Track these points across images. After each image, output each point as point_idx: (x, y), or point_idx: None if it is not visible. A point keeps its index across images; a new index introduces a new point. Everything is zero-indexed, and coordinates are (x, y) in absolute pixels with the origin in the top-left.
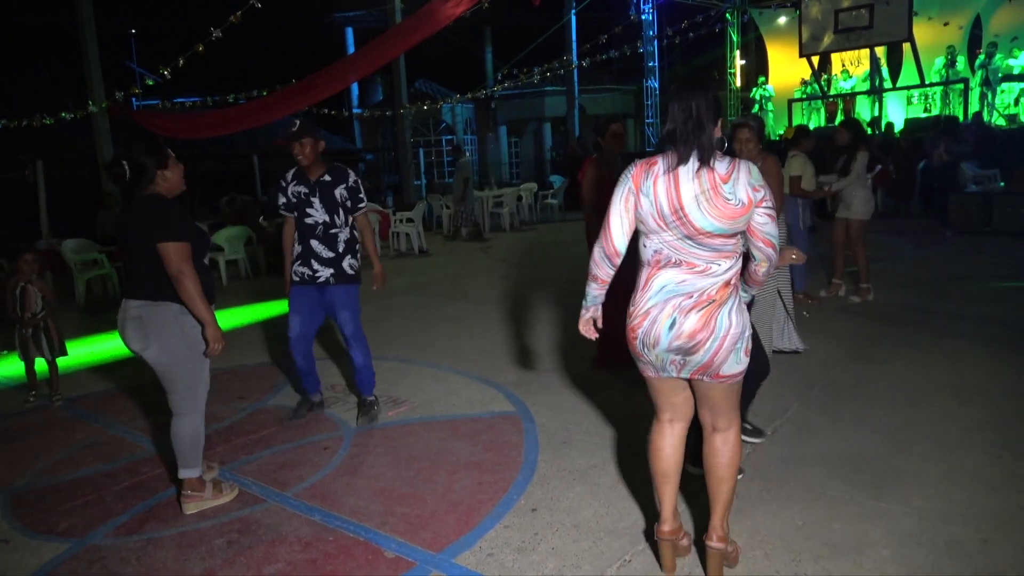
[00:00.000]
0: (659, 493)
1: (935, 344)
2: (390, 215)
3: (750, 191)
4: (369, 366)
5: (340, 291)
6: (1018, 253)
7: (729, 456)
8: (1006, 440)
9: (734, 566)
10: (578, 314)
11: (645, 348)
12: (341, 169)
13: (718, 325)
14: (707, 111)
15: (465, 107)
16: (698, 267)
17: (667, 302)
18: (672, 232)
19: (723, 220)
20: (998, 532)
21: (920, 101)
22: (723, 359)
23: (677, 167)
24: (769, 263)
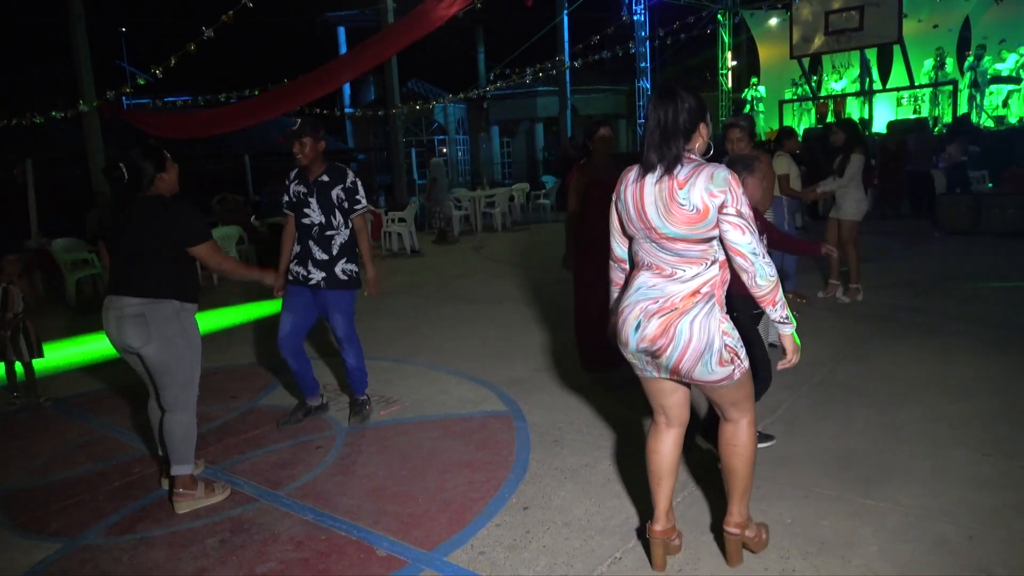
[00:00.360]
0: (653, 493)
1: (924, 343)
2: (382, 215)
3: (706, 196)
4: (361, 367)
5: (332, 295)
6: (1006, 254)
7: (740, 447)
8: (994, 438)
9: (758, 551)
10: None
11: (621, 344)
12: (340, 169)
13: (678, 334)
14: (677, 123)
15: (458, 107)
16: (665, 271)
17: (637, 304)
18: (641, 235)
19: (680, 225)
20: (984, 529)
21: (910, 103)
22: (690, 367)
23: (646, 174)
24: (746, 274)
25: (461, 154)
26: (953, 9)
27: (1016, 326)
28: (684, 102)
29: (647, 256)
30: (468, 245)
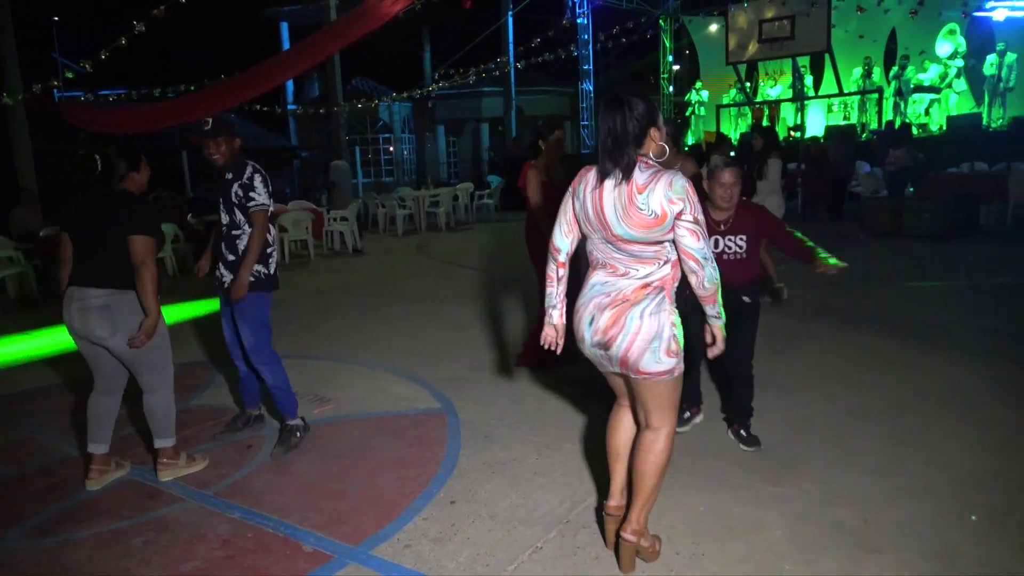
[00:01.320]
0: (611, 469)
1: (840, 340)
2: (324, 213)
3: (665, 203)
4: (281, 386)
5: None
6: (923, 255)
7: (657, 455)
8: (893, 429)
9: (649, 561)
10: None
11: (579, 342)
12: (241, 164)
13: (628, 322)
14: (627, 130)
15: (403, 106)
16: (619, 270)
17: (591, 301)
18: (597, 236)
19: (637, 229)
20: (878, 512)
21: (840, 109)
22: (637, 356)
23: (604, 180)
24: (695, 276)
25: (407, 153)
26: (879, 21)
27: (928, 324)
28: (632, 109)
29: (602, 256)
30: (411, 244)
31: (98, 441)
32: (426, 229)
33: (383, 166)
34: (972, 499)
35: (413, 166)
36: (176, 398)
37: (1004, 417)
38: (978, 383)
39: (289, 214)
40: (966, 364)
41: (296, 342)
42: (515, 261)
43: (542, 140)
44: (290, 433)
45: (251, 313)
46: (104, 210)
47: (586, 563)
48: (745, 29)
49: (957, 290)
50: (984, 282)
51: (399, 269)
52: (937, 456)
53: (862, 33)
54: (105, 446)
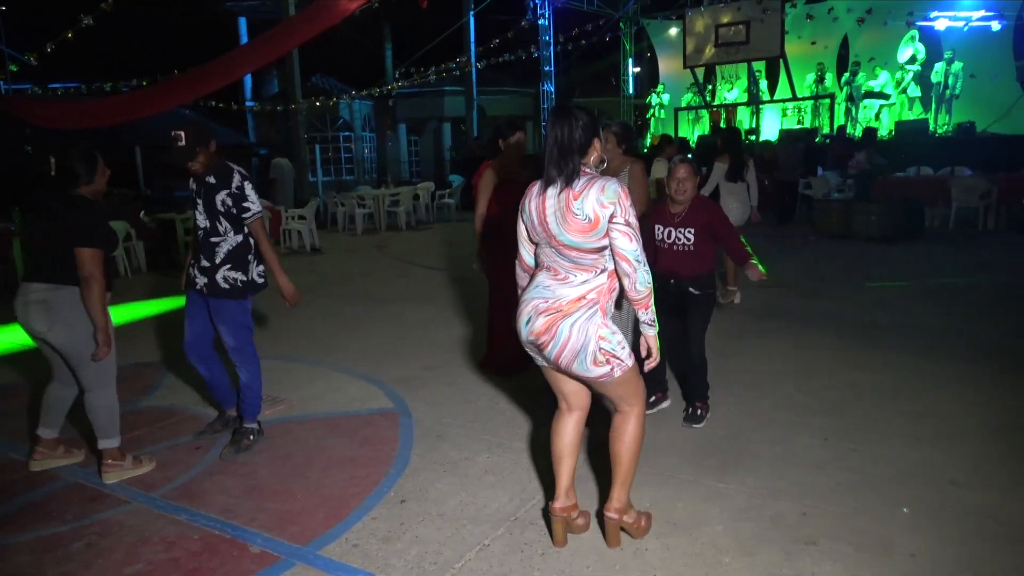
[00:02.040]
0: (555, 471)
1: (789, 340)
2: (282, 212)
3: (598, 208)
4: (253, 387)
5: (214, 302)
6: (871, 257)
7: (629, 436)
8: (835, 424)
9: (638, 537)
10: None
11: (518, 334)
12: (226, 170)
13: (558, 333)
14: (572, 140)
15: (364, 104)
16: (560, 275)
17: (531, 300)
18: (543, 243)
19: (575, 234)
20: (817, 505)
21: (794, 113)
22: (568, 363)
23: (547, 188)
24: (628, 278)
25: (368, 152)
26: (831, 29)
27: (873, 324)
28: (578, 120)
29: (547, 259)
30: (371, 243)
31: (46, 426)
32: (386, 228)
33: (343, 164)
34: (907, 492)
35: (374, 165)
36: (125, 399)
37: (941, 412)
38: (918, 381)
39: None
40: (908, 362)
41: None
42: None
43: (502, 140)
44: (243, 435)
45: (228, 317)
46: (54, 214)
47: (532, 559)
48: (702, 33)
49: (902, 291)
50: (927, 283)
51: (357, 268)
52: (877, 451)
53: (815, 40)
54: (54, 431)
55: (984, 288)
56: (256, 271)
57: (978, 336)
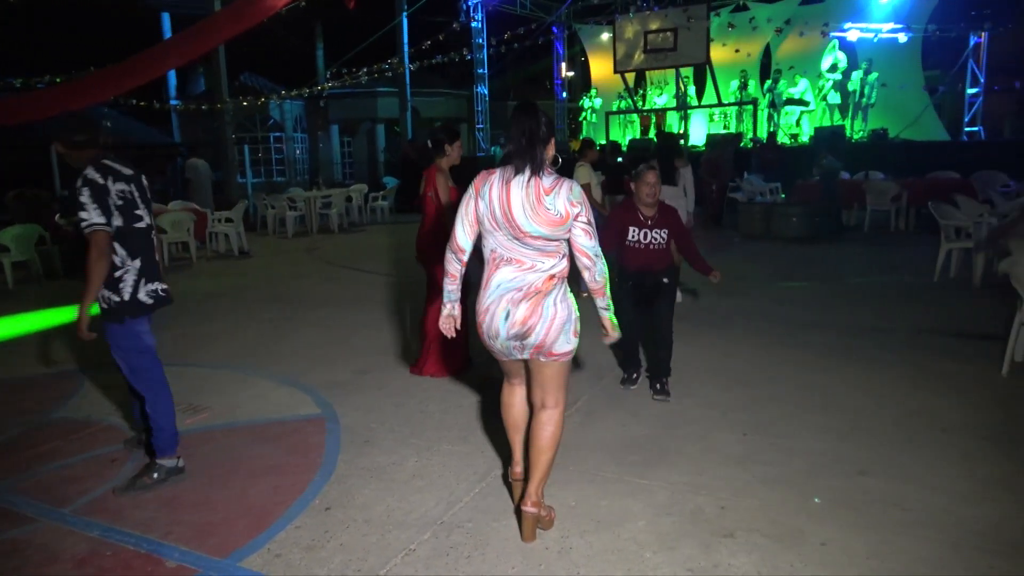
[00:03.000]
0: (511, 440)
1: (713, 338)
2: (208, 214)
3: (568, 205)
4: (155, 416)
5: (101, 322)
6: (790, 257)
7: (551, 432)
8: (755, 421)
9: (548, 529)
10: (398, 317)
11: (490, 339)
12: (80, 172)
13: (544, 310)
14: (538, 133)
15: (295, 104)
16: (525, 264)
17: (501, 298)
18: (503, 232)
19: (544, 226)
20: (735, 499)
21: (720, 119)
22: (554, 338)
23: (512, 178)
24: (588, 271)
25: (299, 152)
26: (754, 37)
27: (790, 322)
28: (543, 116)
29: (507, 252)
30: (302, 246)
31: None
32: (318, 231)
33: (274, 165)
34: (819, 483)
35: (306, 166)
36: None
37: (851, 406)
38: (830, 377)
39: (168, 215)
40: (821, 359)
41: (171, 349)
42: (407, 263)
43: (448, 144)
44: (147, 472)
45: (114, 341)
46: None
47: (458, 563)
48: (632, 39)
49: (818, 290)
50: (841, 283)
51: (287, 272)
52: (792, 445)
53: (738, 47)
54: None
55: (891, 287)
56: (141, 290)
57: (885, 333)
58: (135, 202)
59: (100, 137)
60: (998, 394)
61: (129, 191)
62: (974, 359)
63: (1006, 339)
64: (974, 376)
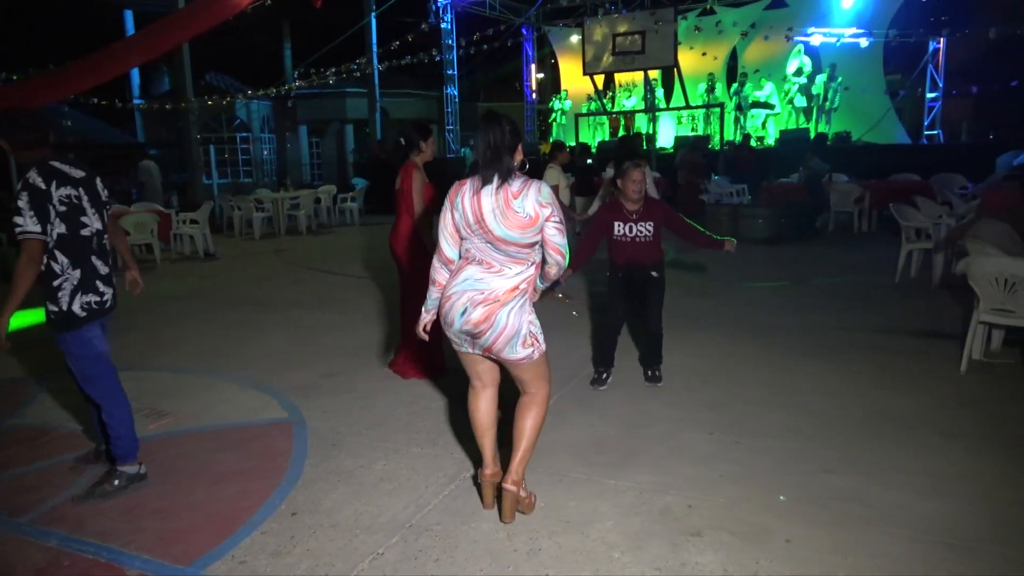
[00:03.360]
0: (480, 443)
1: (679, 339)
2: (172, 216)
3: (537, 207)
4: (112, 424)
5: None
6: (756, 258)
7: (534, 415)
8: (721, 421)
9: (528, 512)
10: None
11: (446, 324)
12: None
13: (497, 321)
14: (504, 142)
15: (262, 104)
16: (495, 267)
17: (464, 292)
18: (477, 237)
19: (514, 229)
20: (702, 497)
21: (688, 121)
22: (501, 347)
23: (482, 187)
24: (558, 267)
25: (267, 153)
26: (721, 41)
27: (754, 322)
28: (507, 124)
29: (479, 254)
30: (269, 248)
31: None
32: (286, 232)
33: (241, 166)
34: (784, 481)
35: (273, 167)
36: None
37: (814, 405)
38: (793, 375)
39: (131, 216)
40: (785, 358)
41: (135, 353)
42: (376, 265)
43: (423, 140)
44: (109, 478)
45: (64, 348)
46: None
47: (427, 566)
48: (600, 42)
49: (782, 290)
50: (808, 283)
51: (254, 274)
52: (758, 444)
53: (705, 51)
54: None
55: (854, 287)
56: (76, 301)
57: (848, 332)
58: (82, 208)
59: (50, 137)
60: (956, 392)
61: (76, 196)
62: (934, 357)
63: (964, 338)
64: (933, 374)
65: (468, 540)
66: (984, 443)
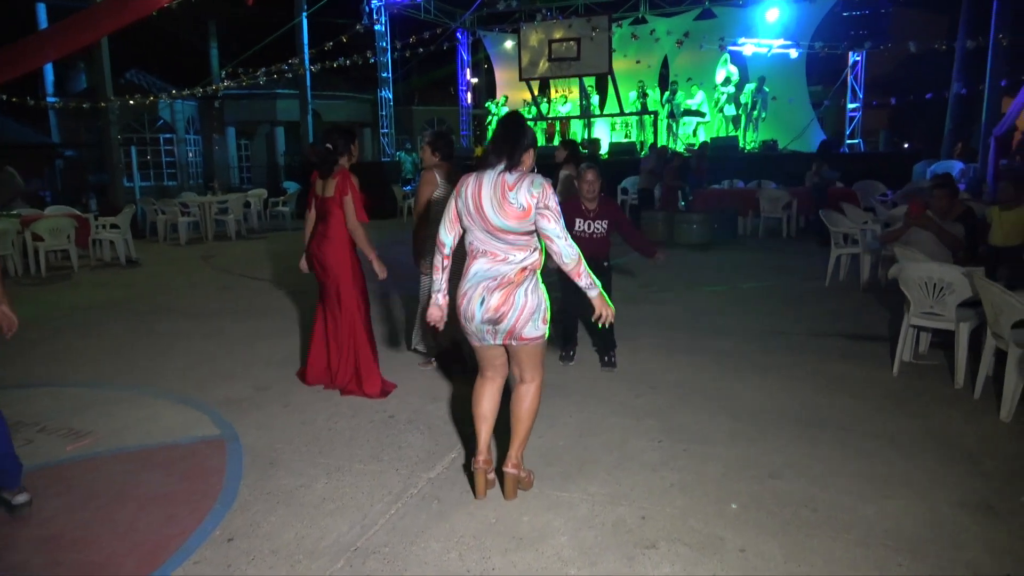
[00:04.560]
0: (477, 431)
1: (622, 345)
2: (90, 220)
3: (528, 198)
4: None
5: None
6: (693, 264)
7: (529, 402)
8: (668, 427)
9: (528, 489)
10: (304, 328)
11: (466, 321)
12: None
13: (516, 300)
14: (519, 139)
15: (187, 104)
16: (499, 256)
17: (478, 285)
18: (477, 227)
19: (510, 219)
20: (654, 508)
21: (622, 128)
22: (523, 325)
23: (483, 175)
24: (556, 255)
25: (192, 155)
26: (653, 49)
27: (695, 326)
28: (527, 128)
29: (482, 245)
30: (195, 254)
31: None
32: (213, 238)
33: (165, 168)
34: (733, 488)
35: (200, 170)
36: None
37: (756, 408)
38: (734, 379)
39: (45, 221)
40: (725, 362)
41: (48, 367)
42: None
43: (353, 144)
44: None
45: None
46: None
47: None
48: (536, 47)
49: (721, 295)
50: (743, 288)
51: (179, 281)
52: (705, 450)
53: (639, 59)
54: None
55: (787, 291)
56: None
57: (783, 336)
58: None
59: None
60: (890, 394)
61: None
62: (866, 360)
63: (893, 340)
64: (867, 377)
65: (418, 562)
66: (917, 445)
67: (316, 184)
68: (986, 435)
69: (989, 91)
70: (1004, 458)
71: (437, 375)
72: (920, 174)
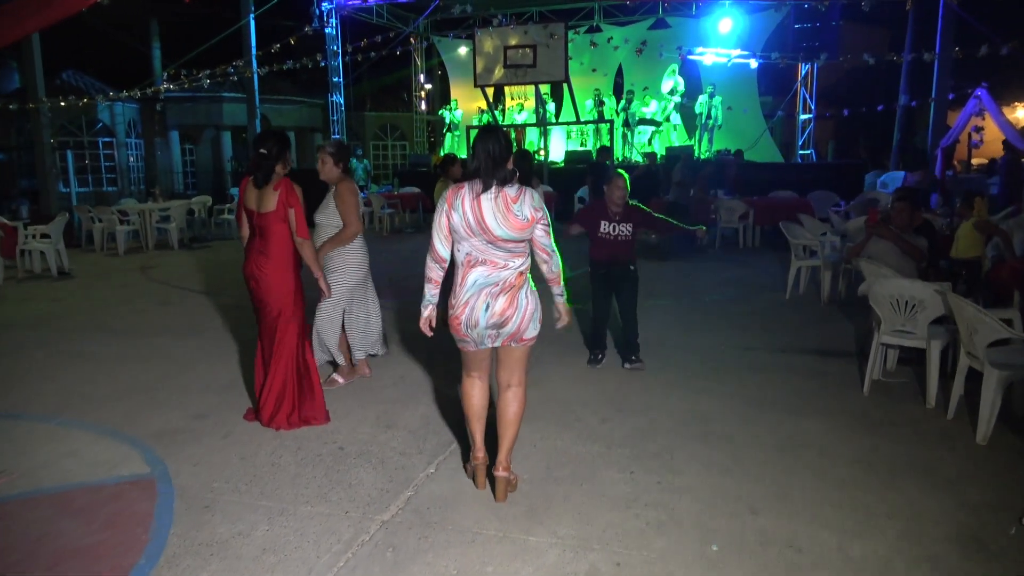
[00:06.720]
0: (471, 429)
1: (580, 363)
2: (18, 229)
3: (532, 211)
4: None
5: None
6: (650, 275)
7: (517, 407)
8: (638, 455)
9: (514, 491)
10: (245, 347)
11: (468, 329)
12: None
13: (520, 303)
14: (500, 152)
15: (128, 107)
16: (499, 264)
17: (480, 292)
18: (477, 239)
19: (513, 230)
20: (629, 552)
21: (578, 136)
22: (527, 326)
23: (481, 193)
24: (546, 264)
25: (133, 160)
26: (609, 58)
27: (658, 342)
28: (502, 138)
29: (481, 255)
30: (134, 265)
31: None
32: (155, 247)
33: (104, 174)
34: (712, 526)
35: (141, 175)
36: None
37: (728, 434)
38: (704, 401)
39: None
40: (692, 382)
41: None
42: None
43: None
44: None
45: None
46: None
47: None
48: (491, 54)
49: (680, 308)
50: (702, 300)
51: (114, 295)
52: (679, 482)
53: (595, 67)
54: None
55: (748, 304)
56: None
57: (748, 352)
58: None
59: None
60: (862, 414)
61: None
62: (833, 377)
63: (859, 356)
64: (837, 396)
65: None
66: (896, 472)
67: (248, 195)
68: (964, 460)
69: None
70: (985, 487)
71: (392, 400)
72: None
